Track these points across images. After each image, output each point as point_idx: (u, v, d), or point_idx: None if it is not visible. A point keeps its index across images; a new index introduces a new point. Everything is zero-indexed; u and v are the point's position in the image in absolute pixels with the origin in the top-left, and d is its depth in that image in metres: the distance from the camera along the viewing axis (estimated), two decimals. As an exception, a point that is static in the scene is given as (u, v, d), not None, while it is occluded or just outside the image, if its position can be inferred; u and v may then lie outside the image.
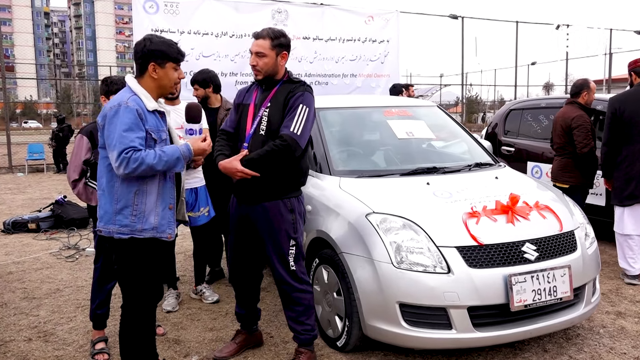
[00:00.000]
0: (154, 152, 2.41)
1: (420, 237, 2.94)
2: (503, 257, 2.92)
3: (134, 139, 2.37)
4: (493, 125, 7.19)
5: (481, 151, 4.20)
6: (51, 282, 4.79)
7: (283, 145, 2.85)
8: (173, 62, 2.54)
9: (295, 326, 3.10)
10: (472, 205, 3.11)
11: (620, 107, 4.38)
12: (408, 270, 2.86)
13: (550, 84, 39.29)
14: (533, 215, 3.16)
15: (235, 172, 2.87)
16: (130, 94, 2.47)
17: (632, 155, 4.35)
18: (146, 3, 9.23)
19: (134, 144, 2.36)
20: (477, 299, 2.82)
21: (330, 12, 10.54)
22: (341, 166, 3.68)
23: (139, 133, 2.40)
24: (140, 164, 2.35)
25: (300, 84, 3.02)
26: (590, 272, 3.24)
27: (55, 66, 77.09)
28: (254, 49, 2.98)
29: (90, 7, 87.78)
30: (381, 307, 2.92)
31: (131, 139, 2.36)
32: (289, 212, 3.02)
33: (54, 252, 5.84)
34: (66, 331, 3.71)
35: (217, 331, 3.67)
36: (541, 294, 2.92)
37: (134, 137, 2.37)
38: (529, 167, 6.35)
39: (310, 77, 10.35)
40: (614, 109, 4.40)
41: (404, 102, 4.64)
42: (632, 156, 4.35)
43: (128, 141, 2.35)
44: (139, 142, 2.39)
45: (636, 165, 4.32)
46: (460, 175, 3.66)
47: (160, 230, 2.55)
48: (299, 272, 3.06)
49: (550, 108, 6.29)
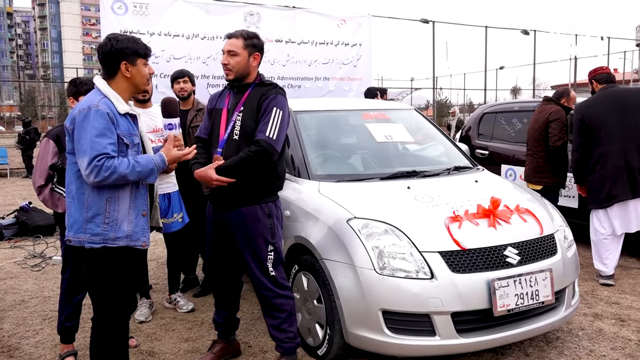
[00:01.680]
0: (127, 162, 2.30)
1: (402, 242, 2.89)
2: (486, 261, 2.89)
3: (106, 145, 2.25)
4: (467, 128, 7.23)
5: (460, 154, 4.19)
6: (15, 293, 4.57)
7: (259, 151, 2.79)
8: (143, 58, 2.45)
9: (278, 334, 3.01)
10: (454, 210, 3.07)
11: (587, 113, 4.51)
12: (391, 277, 2.81)
13: (518, 88, 40.07)
14: (514, 219, 3.15)
15: (210, 181, 2.80)
16: (100, 97, 2.35)
17: (603, 157, 4.43)
18: (114, 4, 8.99)
19: (107, 151, 2.24)
20: (460, 305, 2.78)
21: (303, 15, 10.48)
22: (320, 170, 3.61)
23: (111, 138, 2.28)
24: (112, 173, 2.24)
25: (272, 87, 2.96)
26: (570, 275, 3.25)
27: (19, 68, 74.79)
28: (226, 48, 2.94)
29: (55, 8, 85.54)
30: (364, 315, 2.85)
31: (103, 145, 2.24)
32: (267, 217, 2.94)
33: (18, 261, 5.60)
34: (32, 345, 3.53)
35: (193, 341, 3.55)
36: (524, 298, 2.90)
37: (106, 143, 2.25)
38: (503, 169, 6.39)
39: (283, 80, 10.27)
40: (581, 116, 4.53)
41: (382, 106, 4.60)
42: (604, 158, 4.43)
43: (100, 147, 2.23)
44: (112, 148, 2.27)
45: (608, 165, 4.40)
46: (441, 179, 3.63)
47: (134, 239, 2.43)
48: (279, 278, 2.98)
49: (524, 111, 6.36)
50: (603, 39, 16.83)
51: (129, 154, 2.38)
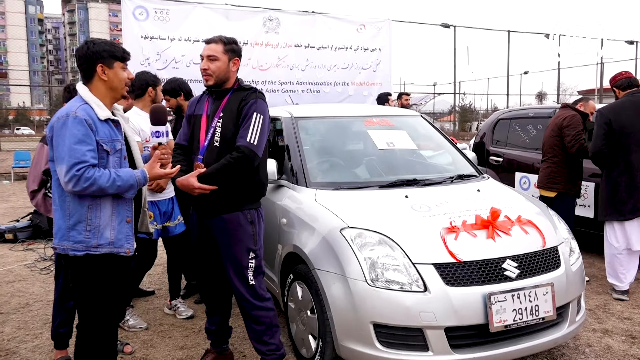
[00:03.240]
0: (108, 174, 2.28)
1: (396, 253, 2.80)
2: (482, 274, 2.79)
3: (85, 152, 2.23)
4: (481, 134, 7.09)
5: (465, 162, 4.08)
6: (21, 296, 4.62)
7: (240, 157, 2.76)
8: (120, 62, 2.43)
9: (259, 346, 2.97)
10: (451, 220, 2.97)
11: (614, 118, 4.29)
12: (383, 289, 2.72)
13: (543, 93, 39.35)
14: (515, 230, 3.03)
15: (192, 189, 2.77)
16: (79, 103, 2.34)
17: (633, 165, 4.22)
18: (136, 10, 9.13)
19: (86, 158, 2.22)
20: (454, 319, 2.68)
21: (322, 20, 10.48)
22: (318, 178, 3.54)
23: (90, 145, 2.26)
24: (91, 184, 2.22)
25: (252, 91, 2.93)
26: (575, 290, 3.11)
27: (49, 73, 76.77)
28: (205, 53, 2.91)
29: (84, 14, 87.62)
30: (355, 328, 2.77)
31: (82, 153, 2.22)
32: (249, 224, 2.92)
33: (28, 264, 5.66)
34: (30, 349, 3.54)
35: (188, 349, 3.51)
36: (522, 313, 2.78)
37: (85, 150, 2.23)
38: (517, 177, 6.24)
39: (302, 84, 10.27)
40: (607, 119, 4.30)
41: (386, 112, 4.51)
42: (634, 167, 4.22)
43: (79, 155, 2.22)
44: (91, 155, 2.25)
45: (637, 175, 4.21)
46: (441, 188, 3.53)
47: (118, 245, 2.40)
48: (258, 288, 2.94)
49: (539, 118, 6.19)
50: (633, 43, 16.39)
51: (110, 161, 2.36)
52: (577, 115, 4.75)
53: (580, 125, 4.68)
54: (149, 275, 5.27)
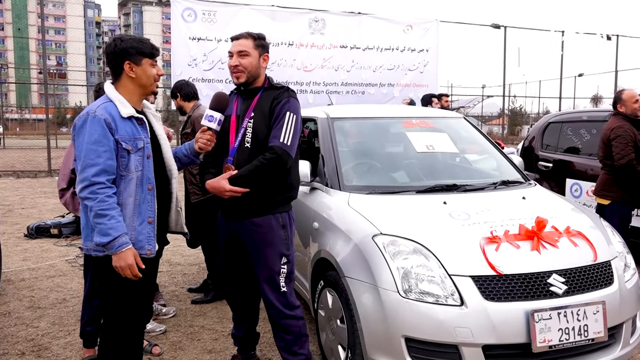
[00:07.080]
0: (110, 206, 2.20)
1: (431, 263, 2.63)
2: (525, 289, 2.57)
3: (100, 153, 2.20)
4: (530, 138, 6.75)
5: (510, 167, 3.84)
6: (59, 291, 4.69)
7: (274, 158, 2.65)
8: (149, 58, 2.37)
9: (288, 357, 2.85)
10: (492, 229, 2.77)
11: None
12: (416, 301, 2.55)
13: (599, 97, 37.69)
14: (563, 242, 2.80)
15: (223, 192, 2.67)
16: (102, 101, 2.31)
17: None
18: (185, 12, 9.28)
19: (100, 160, 2.21)
20: (493, 337, 2.48)
21: (368, 21, 10.35)
22: (352, 181, 3.40)
23: (106, 146, 2.23)
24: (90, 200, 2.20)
25: (284, 90, 2.81)
26: (629, 309, 2.84)
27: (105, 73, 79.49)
28: (235, 49, 2.80)
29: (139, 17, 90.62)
30: (385, 340, 2.62)
31: (97, 153, 2.20)
32: (281, 228, 2.80)
33: (70, 260, 5.77)
34: (61, 346, 3.56)
35: (216, 353, 3.44)
36: (569, 333, 2.55)
37: (101, 150, 2.21)
38: (568, 184, 5.89)
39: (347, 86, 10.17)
40: None
41: (426, 113, 4.32)
42: None
43: (94, 156, 2.19)
44: (107, 156, 2.22)
45: None
46: (483, 194, 3.32)
47: (138, 247, 2.34)
48: (289, 295, 2.82)
49: (593, 122, 5.83)
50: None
51: (132, 159, 2.31)
52: (625, 124, 4.34)
53: (629, 136, 4.27)
54: (184, 275, 5.27)
